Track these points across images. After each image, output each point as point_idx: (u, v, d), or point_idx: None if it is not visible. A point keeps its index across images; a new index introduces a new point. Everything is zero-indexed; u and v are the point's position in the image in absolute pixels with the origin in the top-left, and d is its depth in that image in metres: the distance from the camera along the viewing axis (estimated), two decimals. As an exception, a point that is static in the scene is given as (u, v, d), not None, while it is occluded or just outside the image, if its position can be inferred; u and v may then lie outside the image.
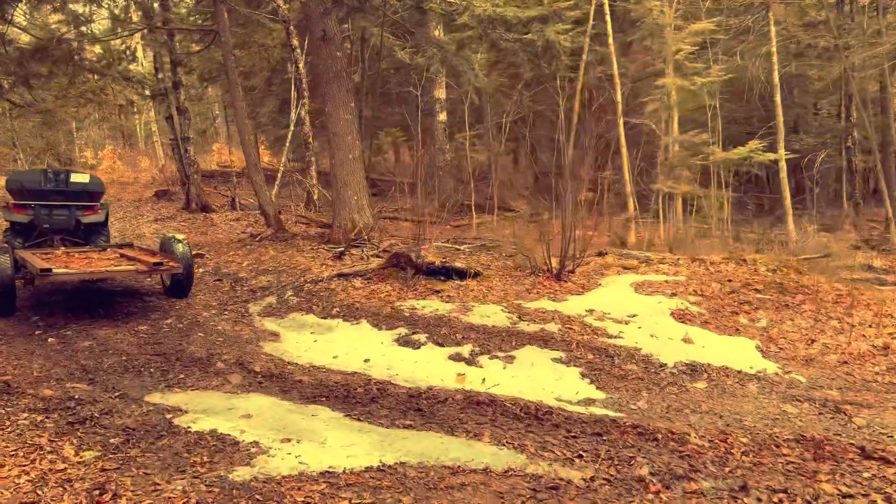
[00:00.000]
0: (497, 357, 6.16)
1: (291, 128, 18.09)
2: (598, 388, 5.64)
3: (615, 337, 6.52)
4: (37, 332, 6.73)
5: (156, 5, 15.06)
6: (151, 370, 5.73)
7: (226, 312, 7.72)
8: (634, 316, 6.93)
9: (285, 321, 7.41)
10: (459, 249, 10.78)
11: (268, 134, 22.28)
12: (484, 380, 5.73)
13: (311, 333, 7.01)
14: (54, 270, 6.50)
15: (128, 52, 25.93)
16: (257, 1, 14.94)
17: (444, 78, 18.81)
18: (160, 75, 17.02)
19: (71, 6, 15.53)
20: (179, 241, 8.13)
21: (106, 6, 16.46)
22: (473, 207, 14.90)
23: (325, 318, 7.36)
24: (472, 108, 18.48)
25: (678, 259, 8.44)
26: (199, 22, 16.21)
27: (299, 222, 13.13)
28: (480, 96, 17.95)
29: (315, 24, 10.69)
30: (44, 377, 5.48)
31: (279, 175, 18.05)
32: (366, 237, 10.66)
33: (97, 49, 19.04)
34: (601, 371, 5.91)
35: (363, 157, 11.22)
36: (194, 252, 8.63)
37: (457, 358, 6.21)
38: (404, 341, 6.62)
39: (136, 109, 26.38)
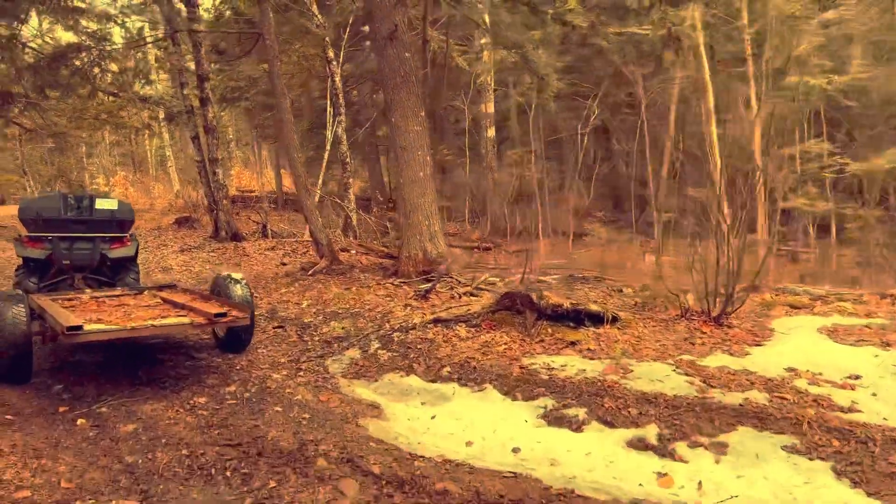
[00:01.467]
0: (701, 445, 4.42)
1: (328, 147, 16.56)
2: (869, 494, 3.90)
3: (850, 410, 4.77)
4: (61, 410, 5.04)
5: (183, 12, 13.59)
6: (227, 473, 4.03)
7: (301, 373, 6.01)
8: (857, 377, 5.19)
9: (381, 385, 5.69)
10: (544, 281, 9.09)
11: (303, 153, 20.73)
12: (700, 485, 4.00)
13: (421, 404, 5.29)
14: (86, 328, 4.82)
15: (142, 73, 24.56)
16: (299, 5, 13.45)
17: (492, 93, 17.29)
18: (185, 91, 15.52)
19: (84, 23, 14.14)
20: (237, 281, 6.46)
21: (121, 21, 15.10)
22: (540, 232, 13.24)
23: (433, 381, 5.64)
24: (524, 122, 16.94)
25: (861, 295, 6.73)
26: (236, 25, 14.72)
27: (355, 252, 11.45)
28: (533, 109, 16.38)
29: (381, 20, 9.13)
30: (76, 490, 3.79)
31: (315, 199, 16.43)
32: (445, 270, 8.97)
33: (113, 67, 17.70)
34: (860, 466, 4.16)
35: (434, 176, 9.62)
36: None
37: (641, 446, 4.49)
38: (555, 418, 4.89)
39: (154, 131, 24.95)
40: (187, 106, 15.34)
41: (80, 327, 4.77)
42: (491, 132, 17.28)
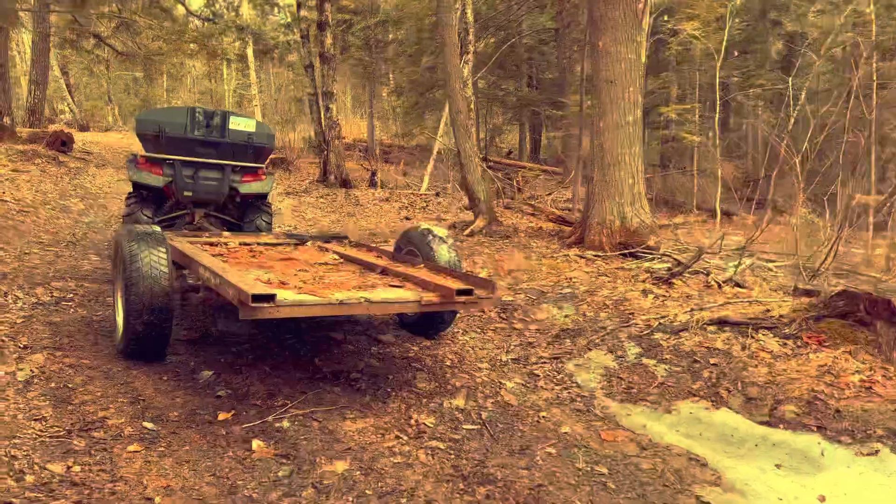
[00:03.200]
0: None
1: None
2: None
3: None
4: (221, 417, 3.25)
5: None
6: None
7: (540, 381, 4.09)
8: None
9: (680, 422, 3.71)
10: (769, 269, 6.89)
11: (408, 98, 18.68)
12: None
13: (775, 468, 3.29)
14: (278, 297, 2.97)
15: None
16: None
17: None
18: (301, 13, 13.63)
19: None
20: (442, 239, 4.56)
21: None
22: (717, 205, 10.96)
23: (765, 422, 3.63)
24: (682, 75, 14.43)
25: None
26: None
27: (514, 210, 9.44)
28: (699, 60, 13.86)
29: None
30: None
31: (434, 152, 14.47)
32: (652, 244, 6.90)
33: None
34: None
35: (640, 124, 7.45)
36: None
37: None
38: None
39: (246, 64, 23.39)
40: (303, 30, 13.48)
41: (271, 297, 2.92)
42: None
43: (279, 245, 4.89)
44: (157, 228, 3.90)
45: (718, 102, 12.48)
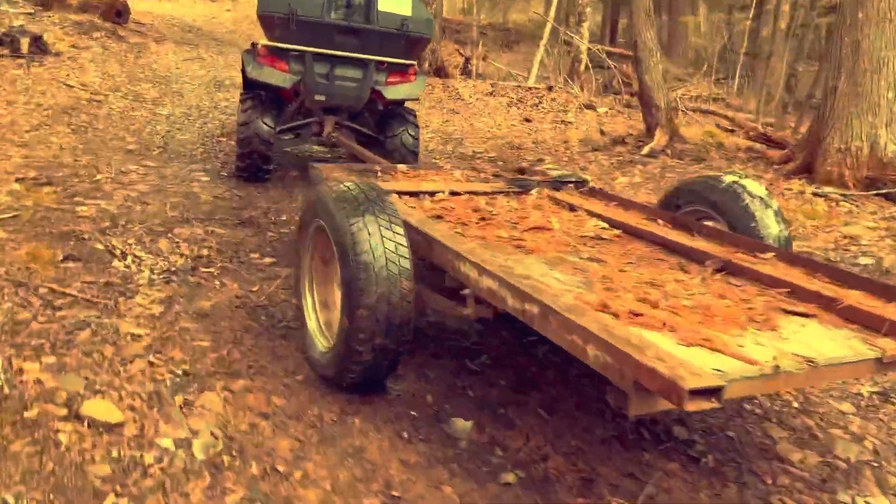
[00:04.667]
0: None
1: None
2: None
3: None
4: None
5: None
6: None
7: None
8: None
9: None
10: None
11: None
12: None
13: None
14: (729, 378, 1.52)
15: None
16: None
17: None
18: None
19: None
20: (764, 201, 3.00)
21: None
22: None
23: None
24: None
25: None
26: None
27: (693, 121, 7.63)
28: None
29: None
30: None
31: (545, 35, 12.28)
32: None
33: None
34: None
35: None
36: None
37: None
38: None
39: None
40: None
41: (717, 391, 1.48)
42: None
43: (497, 193, 3.38)
44: (392, 206, 2.41)
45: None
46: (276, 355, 2.63)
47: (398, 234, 2.30)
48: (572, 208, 3.28)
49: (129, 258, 3.20)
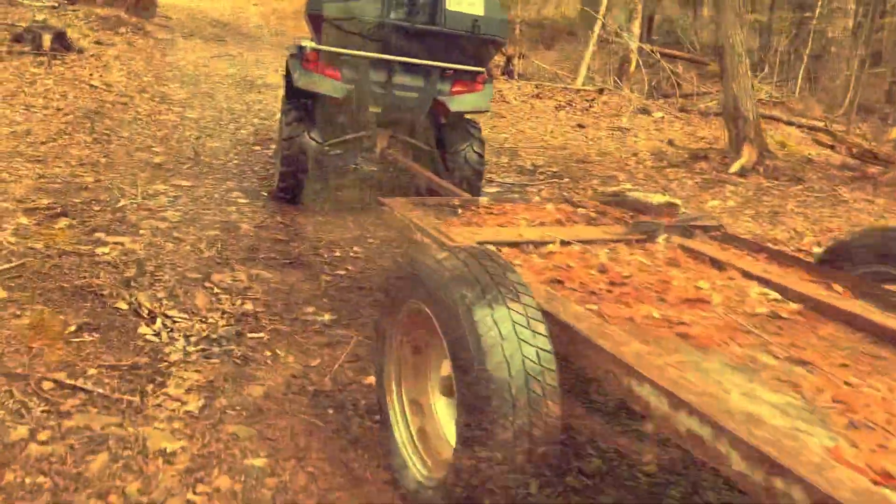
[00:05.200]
0: None
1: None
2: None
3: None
4: None
5: None
6: None
7: None
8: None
9: None
10: None
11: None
12: None
13: None
14: None
15: None
16: None
17: None
18: None
19: None
20: None
21: None
22: None
23: None
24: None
25: None
26: None
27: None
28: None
29: None
30: None
31: (594, 34, 11.49)
32: None
33: None
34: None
35: None
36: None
37: None
38: None
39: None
40: None
41: None
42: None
43: (614, 242, 2.70)
44: (521, 280, 1.73)
45: None
46: (353, 477, 1.96)
47: (540, 334, 1.63)
48: (716, 263, 2.58)
49: (159, 321, 2.56)
